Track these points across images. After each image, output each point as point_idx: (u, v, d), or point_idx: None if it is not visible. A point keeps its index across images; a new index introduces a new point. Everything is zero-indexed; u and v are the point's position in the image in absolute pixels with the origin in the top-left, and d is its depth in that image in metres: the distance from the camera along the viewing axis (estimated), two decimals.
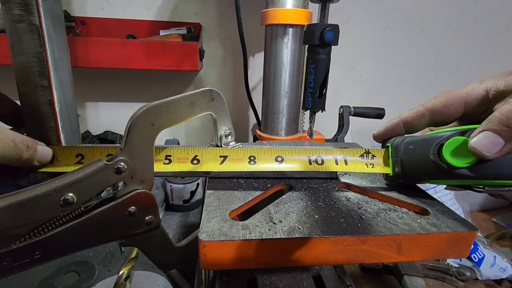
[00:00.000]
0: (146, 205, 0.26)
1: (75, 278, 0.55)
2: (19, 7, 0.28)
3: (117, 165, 0.24)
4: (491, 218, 0.88)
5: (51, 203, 0.22)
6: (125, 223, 0.26)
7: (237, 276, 0.43)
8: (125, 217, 0.25)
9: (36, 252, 0.22)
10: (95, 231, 0.24)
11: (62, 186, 0.22)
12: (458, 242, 0.27)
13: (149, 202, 0.27)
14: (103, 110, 0.93)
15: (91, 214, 0.24)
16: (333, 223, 0.27)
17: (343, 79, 0.99)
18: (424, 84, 1.05)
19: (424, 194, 0.34)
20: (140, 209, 0.26)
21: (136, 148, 0.25)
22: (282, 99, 0.67)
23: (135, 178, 0.26)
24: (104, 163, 0.24)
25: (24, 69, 0.30)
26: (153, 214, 0.27)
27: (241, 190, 0.34)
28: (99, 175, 0.24)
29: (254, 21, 0.82)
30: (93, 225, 0.24)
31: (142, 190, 0.26)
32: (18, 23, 0.28)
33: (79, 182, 0.23)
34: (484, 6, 0.98)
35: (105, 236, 0.25)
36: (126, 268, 0.55)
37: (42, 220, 0.22)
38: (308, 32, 0.33)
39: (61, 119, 0.32)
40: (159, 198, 0.76)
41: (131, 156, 0.25)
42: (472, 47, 1.03)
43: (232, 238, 0.25)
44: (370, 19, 0.93)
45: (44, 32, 0.29)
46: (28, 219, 0.21)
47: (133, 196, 0.25)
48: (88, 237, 0.24)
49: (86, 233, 0.24)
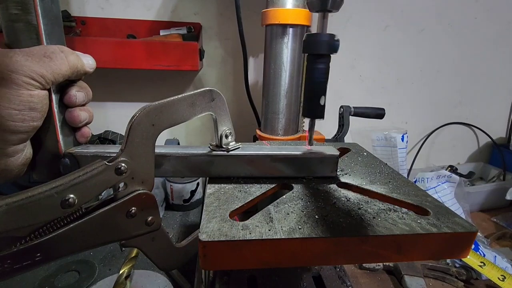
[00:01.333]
0: (147, 206, 0.26)
1: (76, 277, 0.55)
2: (16, 7, 0.27)
3: (117, 166, 0.24)
4: (491, 218, 0.88)
5: (52, 204, 0.22)
6: (126, 224, 0.25)
7: (237, 276, 0.43)
8: (126, 218, 0.25)
9: (37, 254, 0.22)
10: (96, 233, 0.24)
11: (63, 187, 0.22)
12: (458, 242, 0.27)
13: (150, 203, 0.26)
14: (103, 109, 0.93)
15: (92, 216, 0.24)
16: (333, 223, 0.27)
17: (343, 79, 0.99)
18: (424, 84, 1.05)
19: (424, 194, 0.34)
20: (141, 210, 0.26)
21: (136, 149, 0.25)
22: (282, 99, 0.67)
23: (136, 179, 0.26)
24: (105, 164, 0.24)
25: None
26: (154, 215, 0.27)
27: (241, 190, 0.34)
28: (100, 176, 0.24)
29: (254, 21, 0.82)
30: (94, 227, 0.24)
31: (143, 191, 0.26)
32: (15, 23, 0.28)
33: (80, 183, 0.23)
34: (484, 6, 0.98)
35: (106, 237, 0.25)
36: (127, 267, 0.55)
37: (43, 221, 0.22)
38: (307, 42, 0.33)
39: (59, 120, 0.32)
40: (159, 197, 0.76)
41: (132, 157, 0.25)
42: (472, 47, 1.03)
43: (232, 238, 0.25)
44: (370, 19, 0.93)
45: (42, 32, 0.29)
46: (28, 221, 0.21)
47: (134, 197, 0.25)
48: (89, 239, 0.24)
49: (87, 234, 0.24)
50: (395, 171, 0.40)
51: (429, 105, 1.09)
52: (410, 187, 0.36)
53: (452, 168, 1.06)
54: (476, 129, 1.14)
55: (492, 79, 1.09)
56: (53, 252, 0.23)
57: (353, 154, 0.47)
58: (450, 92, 1.09)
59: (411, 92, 1.05)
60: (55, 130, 0.31)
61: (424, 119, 1.10)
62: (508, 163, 1.05)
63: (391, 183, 0.37)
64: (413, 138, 1.11)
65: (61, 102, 0.32)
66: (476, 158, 1.20)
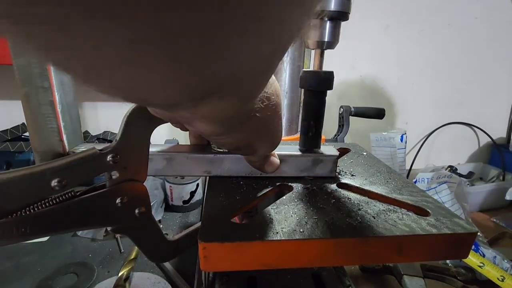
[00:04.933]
0: (138, 196, 0.27)
1: (74, 279, 0.55)
2: None
3: (110, 155, 0.25)
4: (491, 218, 0.88)
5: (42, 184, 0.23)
6: (115, 211, 0.26)
7: (236, 276, 0.43)
8: (116, 206, 0.26)
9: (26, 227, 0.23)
10: (84, 215, 0.25)
11: (55, 169, 0.23)
12: (458, 243, 0.27)
13: (141, 193, 0.27)
14: (102, 110, 0.93)
15: (82, 197, 0.25)
16: (333, 224, 0.27)
17: (343, 79, 0.99)
18: (424, 84, 1.05)
19: (424, 195, 0.34)
20: (132, 199, 0.26)
21: (131, 141, 0.26)
22: (282, 100, 0.67)
23: (129, 169, 0.26)
24: (97, 151, 0.25)
25: (25, 71, 0.30)
26: (145, 206, 0.27)
27: (241, 190, 0.34)
28: (91, 162, 0.24)
29: None
30: (83, 209, 0.25)
31: (135, 182, 0.26)
32: None
33: (71, 167, 0.24)
34: (484, 6, 0.98)
35: (94, 220, 0.26)
36: (126, 269, 0.54)
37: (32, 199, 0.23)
38: (304, 78, 0.35)
39: (63, 120, 0.32)
40: (158, 198, 0.76)
41: (126, 148, 0.26)
42: (472, 47, 1.03)
43: (232, 239, 0.25)
44: (370, 19, 0.93)
45: None
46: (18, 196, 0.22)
47: (125, 186, 0.26)
48: (78, 220, 0.25)
49: (76, 215, 0.25)
50: (395, 172, 0.40)
51: (429, 105, 1.09)
52: (410, 187, 0.36)
53: (452, 168, 1.06)
54: (476, 129, 1.15)
55: (492, 79, 1.09)
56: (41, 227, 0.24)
57: (353, 154, 0.47)
58: (450, 92, 1.09)
59: (411, 92, 1.05)
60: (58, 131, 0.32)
61: (424, 119, 1.10)
62: (507, 163, 1.06)
63: (391, 183, 0.37)
64: (413, 138, 1.11)
65: None
66: (476, 159, 1.20)
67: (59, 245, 0.65)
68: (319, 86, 0.34)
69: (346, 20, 0.32)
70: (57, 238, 0.67)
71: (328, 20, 0.32)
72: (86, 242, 0.66)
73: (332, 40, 0.33)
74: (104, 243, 0.66)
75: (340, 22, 0.33)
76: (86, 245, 0.65)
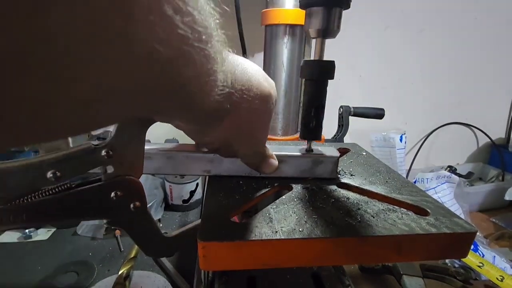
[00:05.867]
0: (133, 191, 0.27)
1: (74, 277, 0.55)
2: None
3: (104, 149, 0.25)
4: (490, 218, 0.88)
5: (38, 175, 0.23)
6: (109, 205, 0.27)
7: (236, 276, 0.43)
8: (110, 199, 0.26)
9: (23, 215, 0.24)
10: (79, 206, 0.26)
11: (51, 161, 0.24)
12: (457, 242, 0.27)
13: (136, 188, 0.27)
14: None
15: (77, 190, 0.25)
16: (332, 223, 0.27)
17: (343, 79, 0.99)
18: (424, 84, 1.05)
19: (423, 194, 0.34)
20: (127, 194, 0.27)
21: (127, 136, 0.26)
22: (281, 99, 0.67)
23: (124, 164, 0.26)
24: (92, 145, 0.25)
25: None
26: (140, 201, 0.28)
27: (241, 190, 0.34)
28: (86, 156, 0.25)
29: (254, 21, 0.82)
30: (78, 200, 0.26)
31: (130, 177, 0.27)
32: None
33: (66, 160, 0.24)
34: (484, 6, 0.98)
35: (89, 213, 0.27)
36: (126, 268, 0.55)
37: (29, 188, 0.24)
38: (305, 68, 0.33)
39: None
40: (158, 198, 0.76)
41: (122, 143, 0.26)
42: (472, 47, 1.03)
43: (231, 238, 0.25)
44: (370, 19, 0.93)
45: None
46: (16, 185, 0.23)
47: (120, 181, 0.26)
48: (72, 210, 0.26)
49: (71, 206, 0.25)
50: (395, 172, 0.40)
51: (428, 105, 1.09)
52: (409, 187, 0.36)
53: (451, 168, 1.06)
54: (475, 130, 1.15)
55: (492, 79, 1.09)
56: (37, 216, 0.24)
57: (353, 154, 0.47)
58: (449, 92, 1.09)
59: (411, 92, 1.05)
60: None
61: (423, 119, 1.10)
62: (507, 163, 1.06)
63: (390, 183, 0.37)
64: (412, 138, 1.11)
65: None
66: (475, 159, 1.20)
67: (59, 244, 0.65)
68: (320, 76, 0.33)
69: (348, 8, 0.31)
70: (57, 237, 0.67)
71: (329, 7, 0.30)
72: (86, 241, 0.66)
73: (333, 28, 0.31)
74: (104, 242, 0.66)
75: (341, 10, 0.31)
76: (86, 244, 0.65)
